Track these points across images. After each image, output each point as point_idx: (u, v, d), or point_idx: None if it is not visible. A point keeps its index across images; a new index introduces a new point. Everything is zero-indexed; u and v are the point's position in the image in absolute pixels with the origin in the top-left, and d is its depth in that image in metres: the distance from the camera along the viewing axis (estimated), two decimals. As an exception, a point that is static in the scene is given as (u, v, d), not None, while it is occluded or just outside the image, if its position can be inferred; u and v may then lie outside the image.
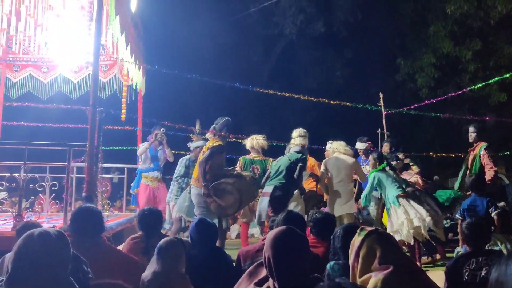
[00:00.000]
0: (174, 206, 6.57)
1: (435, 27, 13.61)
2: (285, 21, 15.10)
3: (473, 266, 3.14)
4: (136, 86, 7.78)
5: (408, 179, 6.13)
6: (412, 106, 8.85)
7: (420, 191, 5.82)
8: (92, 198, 4.79)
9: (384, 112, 8.26)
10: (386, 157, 6.09)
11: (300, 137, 6.15)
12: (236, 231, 8.43)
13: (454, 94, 9.69)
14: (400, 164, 6.46)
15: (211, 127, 5.86)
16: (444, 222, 9.20)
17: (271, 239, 2.10)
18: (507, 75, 8.87)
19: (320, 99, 8.28)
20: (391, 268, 2.00)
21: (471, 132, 5.89)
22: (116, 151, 8.68)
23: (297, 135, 6.23)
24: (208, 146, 5.71)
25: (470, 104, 14.03)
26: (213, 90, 14.01)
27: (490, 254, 3.21)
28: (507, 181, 7.25)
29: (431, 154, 11.32)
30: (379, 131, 7.42)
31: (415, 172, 6.55)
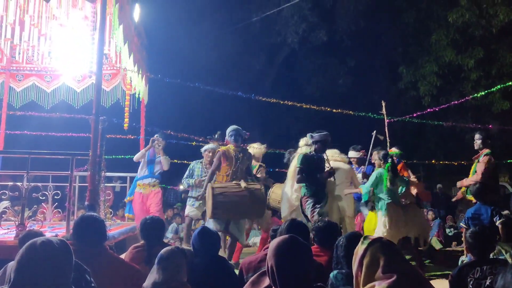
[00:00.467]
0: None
1: (437, 36, 13.64)
2: (287, 30, 15.17)
3: (477, 275, 3.13)
4: (139, 95, 7.79)
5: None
6: (415, 114, 8.83)
7: (412, 204, 5.93)
8: (95, 207, 4.80)
9: (386, 120, 8.25)
10: (392, 156, 6.11)
11: (306, 146, 6.21)
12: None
13: (456, 102, 9.67)
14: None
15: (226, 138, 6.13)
16: (448, 230, 9.23)
17: (274, 247, 2.09)
18: (510, 83, 8.86)
19: (323, 107, 8.28)
20: (395, 277, 1.99)
21: (477, 139, 5.89)
22: (118, 160, 8.68)
23: (303, 144, 6.31)
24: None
25: (473, 112, 14.01)
26: (216, 99, 14.04)
27: (494, 263, 3.19)
28: (511, 189, 7.23)
29: (434, 162, 11.28)
30: (373, 134, 7.44)
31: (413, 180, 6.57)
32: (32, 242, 2.08)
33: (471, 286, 3.09)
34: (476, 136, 5.96)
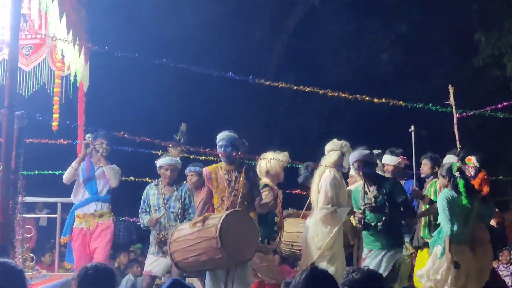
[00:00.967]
0: None
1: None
2: (302, -23, 15.26)
3: None
4: (75, 77, 7.77)
5: None
6: (500, 106, 8.80)
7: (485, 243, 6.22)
8: (7, 250, 4.78)
9: (456, 115, 8.23)
10: (462, 170, 6.22)
11: (336, 152, 6.50)
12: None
13: None
14: None
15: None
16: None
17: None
18: None
19: (358, 96, 8.23)
20: None
21: None
22: (44, 178, 8.64)
23: (331, 149, 6.54)
24: None
25: None
26: (194, 83, 14.00)
27: None
28: None
29: (529, 179, 11.24)
30: (412, 130, 7.42)
31: None
32: None
33: None
34: None
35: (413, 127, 7.48)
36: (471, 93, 14.32)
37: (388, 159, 7.35)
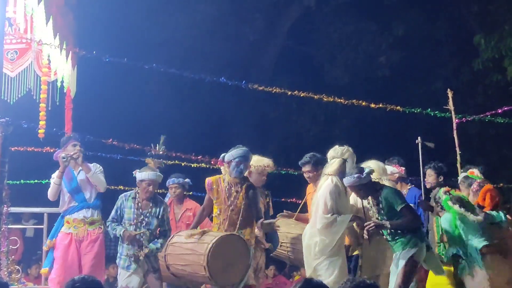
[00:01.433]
0: None
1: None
2: (298, -23, 15.30)
3: None
4: (62, 83, 7.78)
5: None
6: (500, 110, 8.86)
7: None
8: (-8, 262, 4.78)
9: (455, 121, 8.26)
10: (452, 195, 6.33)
11: (338, 159, 6.44)
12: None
13: None
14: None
15: (220, 157, 6.45)
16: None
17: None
18: None
19: (355, 100, 8.31)
20: None
21: None
22: (30, 187, 8.66)
23: (333, 157, 6.49)
24: None
25: None
26: (186, 88, 14.04)
27: None
28: None
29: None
30: (418, 141, 7.44)
31: None
32: None
33: None
34: None
35: (419, 138, 7.50)
36: (471, 97, 14.38)
37: (389, 169, 7.30)
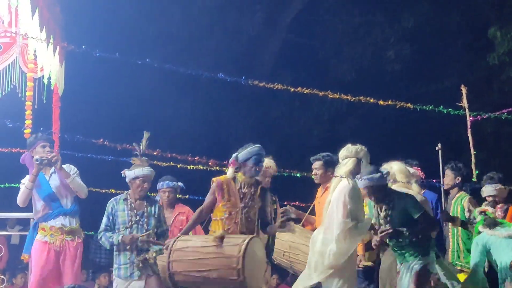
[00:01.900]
0: None
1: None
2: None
3: None
4: (49, 80, 7.75)
5: None
6: (517, 108, 8.85)
7: None
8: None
9: (470, 119, 8.25)
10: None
11: (351, 158, 6.46)
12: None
13: None
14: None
15: (233, 157, 6.23)
16: None
17: None
18: None
19: (362, 97, 8.26)
20: None
21: None
22: (16, 191, 8.62)
23: (345, 156, 6.52)
24: None
25: None
26: (182, 85, 14.02)
27: None
28: None
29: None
30: (438, 148, 7.43)
31: None
32: None
33: None
34: None
35: (439, 145, 7.51)
36: (486, 94, 14.36)
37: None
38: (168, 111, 14.23)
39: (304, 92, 8.09)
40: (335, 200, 6.29)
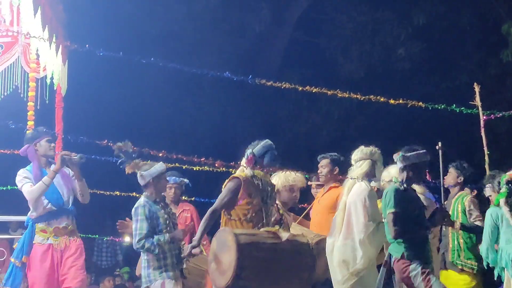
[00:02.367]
0: None
1: None
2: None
3: None
4: (52, 80, 7.77)
5: None
6: (532, 106, 8.85)
7: None
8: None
9: (483, 117, 8.24)
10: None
11: (365, 160, 6.46)
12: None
13: None
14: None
15: (248, 153, 6.16)
16: None
17: None
18: None
19: (372, 96, 8.26)
20: None
21: None
22: (19, 194, 8.64)
23: (360, 158, 6.52)
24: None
25: None
26: (186, 84, 14.02)
27: None
28: None
29: None
30: (438, 146, 7.47)
31: None
32: None
33: None
34: None
35: (440, 144, 7.50)
36: (499, 92, 14.32)
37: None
38: (172, 111, 14.22)
39: (313, 91, 8.09)
40: (353, 203, 6.27)
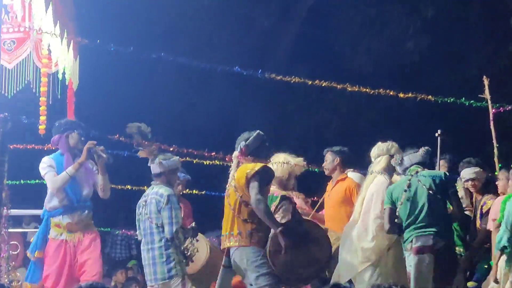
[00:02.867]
0: None
1: None
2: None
3: None
4: (63, 75, 7.78)
5: None
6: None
7: None
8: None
9: (492, 110, 8.23)
10: None
11: (384, 156, 6.59)
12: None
13: None
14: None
15: (241, 146, 6.13)
16: None
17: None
18: None
19: (381, 90, 8.28)
20: None
21: None
22: (31, 188, 8.70)
23: (378, 155, 6.65)
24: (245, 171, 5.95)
25: None
26: (196, 79, 14.04)
27: None
28: None
29: None
30: (438, 134, 7.43)
31: None
32: None
33: None
34: None
35: (439, 131, 7.48)
36: (509, 84, 14.28)
37: (468, 173, 7.38)
38: (182, 105, 14.24)
39: (322, 85, 8.12)
40: (371, 196, 6.44)
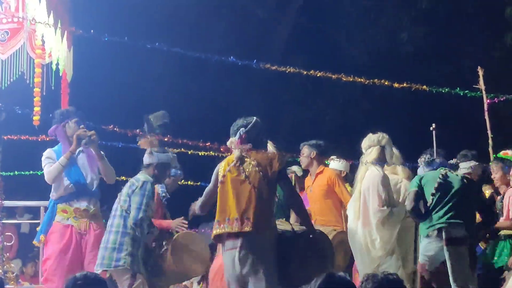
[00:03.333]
0: None
1: None
2: None
3: None
4: (57, 66, 7.75)
5: None
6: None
7: None
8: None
9: (486, 101, 8.24)
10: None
11: (374, 147, 6.59)
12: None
13: None
14: None
15: (240, 132, 5.79)
16: None
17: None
18: None
19: (376, 80, 8.28)
20: None
21: None
22: (25, 179, 8.69)
23: (369, 145, 6.65)
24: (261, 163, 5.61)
25: None
26: (191, 69, 14.01)
27: None
28: None
29: None
30: (433, 128, 7.45)
31: None
32: None
33: None
34: None
35: (434, 125, 7.47)
36: (503, 75, 14.27)
37: (465, 166, 7.39)
38: (177, 95, 14.21)
39: (317, 75, 8.12)
40: (366, 190, 6.45)
